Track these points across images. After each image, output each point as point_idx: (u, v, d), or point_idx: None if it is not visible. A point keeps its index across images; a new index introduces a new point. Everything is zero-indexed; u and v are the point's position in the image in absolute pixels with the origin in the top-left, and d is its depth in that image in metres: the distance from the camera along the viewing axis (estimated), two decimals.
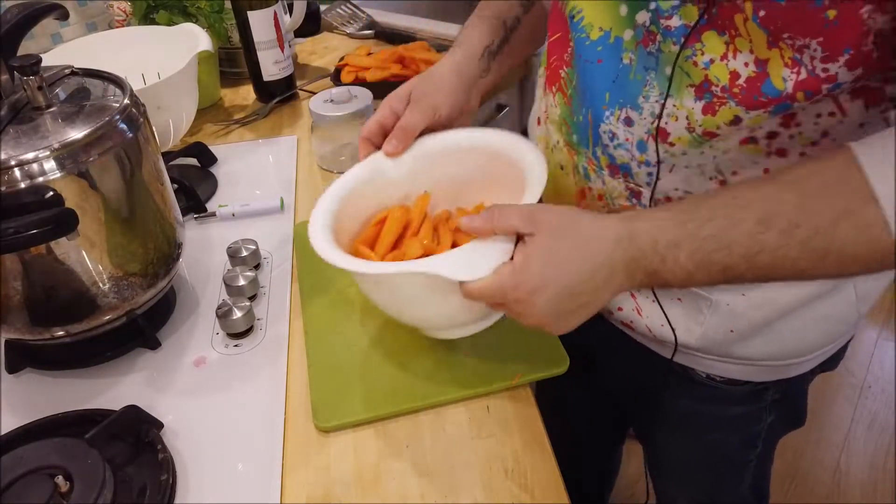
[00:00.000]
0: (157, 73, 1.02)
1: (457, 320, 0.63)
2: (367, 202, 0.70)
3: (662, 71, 0.55)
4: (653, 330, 0.68)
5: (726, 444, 0.78)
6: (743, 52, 0.50)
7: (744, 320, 0.63)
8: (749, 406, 0.74)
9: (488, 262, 0.53)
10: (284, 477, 0.58)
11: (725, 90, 0.52)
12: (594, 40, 0.60)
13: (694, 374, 0.71)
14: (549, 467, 0.57)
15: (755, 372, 0.69)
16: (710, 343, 0.66)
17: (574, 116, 0.65)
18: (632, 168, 0.60)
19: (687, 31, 0.52)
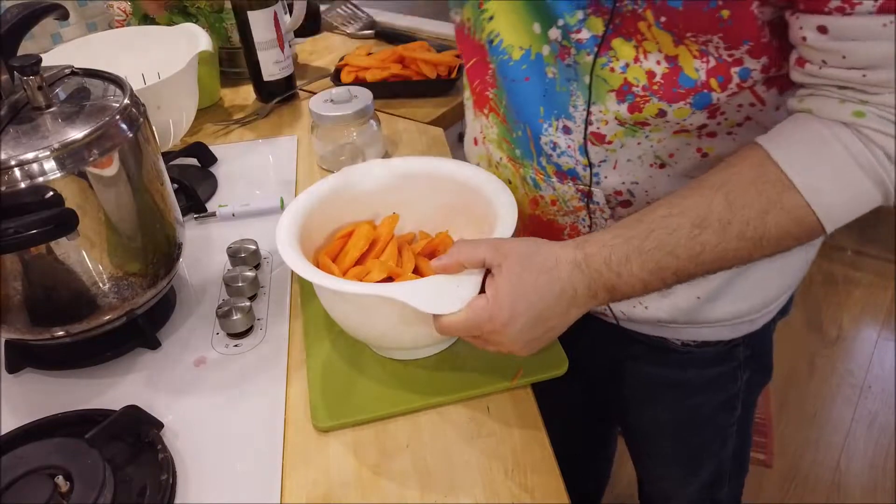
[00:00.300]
0: (157, 73, 1.02)
1: (417, 344, 0.65)
2: (336, 214, 0.71)
3: (582, 81, 0.59)
4: (626, 313, 0.72)
5: (707, 407, 0.81)
6: (652, 53, 0.55)
7: (707, 285, 0.67)
8: (724, 366, 0.77)
9: (459, 293, 0.55)
10: (284, 477, 0.58)
11: (646, 88, 0.56)
12: (517, 60, 0.63)
13: (668, 343, 0.75)
14: (549, 467, 0.57)
15: (724, 330, 0.73)
16: (680, 312, 0.69)
17: (512, 133, 0.67)
18: (578, 172, 0.64)
19: (598, 41, 0.56)
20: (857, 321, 1.99)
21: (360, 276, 0.66)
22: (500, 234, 0.60)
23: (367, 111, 0.95)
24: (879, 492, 1.57)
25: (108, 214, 0.63)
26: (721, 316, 0.70)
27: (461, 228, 0.72)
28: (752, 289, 0.69)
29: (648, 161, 0.61)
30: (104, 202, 0.62)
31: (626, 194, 0.64)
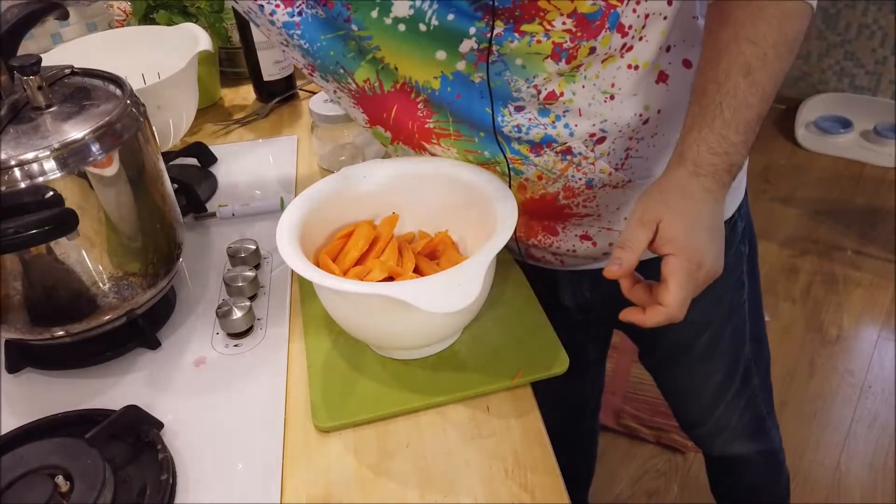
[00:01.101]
0: (157, 73, 1.02)
1: (417, 344, 0.65)
2: (336, 214, 0.71)
3: (514, 65, 0.62)
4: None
5: (726, 293, 0.85)
6: (556, 19, 0.59)
7: None
8: (732, 248, 0.81)
9: (461, 292, 0.54)
10: (284, 477, 0.58)
11: (573, 38, 0.60)
12: (439, 88, 0.65)
13: None
14: (549, 467, 0.57)
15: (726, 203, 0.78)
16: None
17: (473, 140, 0.69)
18: (550, 134, 0.67)
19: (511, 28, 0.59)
20: (857, 321, 1.99)
21: (360, 275, 0.66)
22: (500, 235, 0.60)
23: None
24: (879, 492, 1.57)
25: (108, 214, 0.63)
26: None
27: (461, 228, 0.72)
28: None
29: (600, 99, 0.65)
30: (104, 202, 0.62)
31: (598, 133, 0.67)
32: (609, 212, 0.74)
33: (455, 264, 0.58)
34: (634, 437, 1.67)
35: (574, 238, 0.78)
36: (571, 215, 0.75)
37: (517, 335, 0.68)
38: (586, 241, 0.78)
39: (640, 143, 0.70)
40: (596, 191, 0.71)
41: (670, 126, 0.69)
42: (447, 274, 0.57)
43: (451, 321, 0.63)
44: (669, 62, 0.67)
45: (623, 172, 0.71)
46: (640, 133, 0.69)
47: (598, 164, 0.69)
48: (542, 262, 0.84)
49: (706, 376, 0.94)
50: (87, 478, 0.54)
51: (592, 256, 0.80)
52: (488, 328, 0.69)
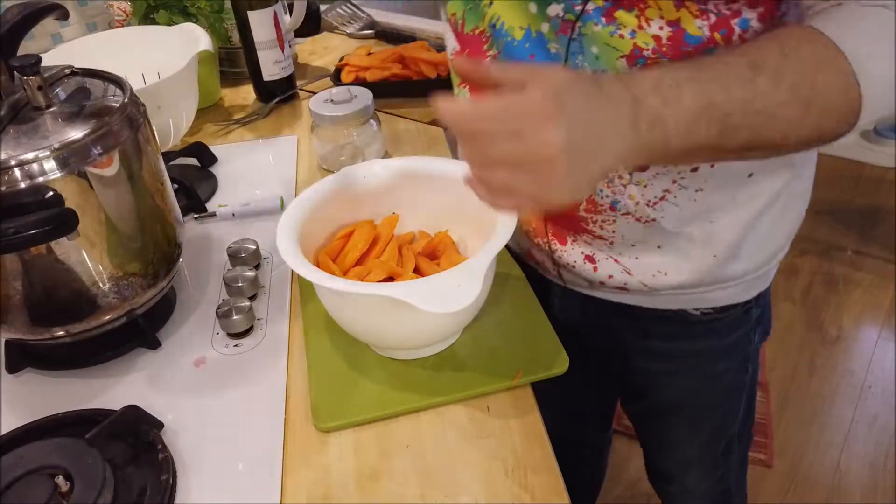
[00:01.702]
0: (157, 73, 1.02)
1: (417, 344, 0.65)
2: (336, 214, 0.71)
3: (589, 51, 0.59)
4: (647, 284, 0.72)
5: (726, 374, 0.83)
6: (654, 20, 0.55)
7: (721, 243, 0.69)
8: (741, 329, 0.79)
9: (461, 292, 0.54)
10: (284, 477, 0.58)
11: (656, 51, 0.57)
12: (520, 40, 0.63)
13: (689, 316, 0.76)
14: (549, 467, 0.57)
15: (740, 291, 0.75)
16: (700, 275, 0.71)
17: None
18: None
19: (602, 11, 0.56)
20: (857, 321, 1.99)
21: (360, 275, 0.66)
22: (501, 235, 0.60)
23: (367, 111, 0.95)
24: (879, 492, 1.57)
25: (108, 214, 0.63)
26: (738, 273, 0.72)
27: (461, 228, 0.72)
28: (763, 241, 0.71)
29: None
30: (104, 202, 0.62)
31: None
32: (622, 243, 0.70)
33: (455, 264, 0.58)
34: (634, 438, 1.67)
35: (579, 254, 0.74)
36: (585, 231, 0.71)
37: (517, 335, 0.68)
38: (589, 263, 0.74)
39: (681, 190, 0.65)
40: (618, 216, 0.68)
41: (718, 190, 0.65)
42: (447, 274, 0.57)
43: (451, 321, 0.63)
44: None
45: (652, 210, 0.66)
46: (685, 179, 0.64)
47: (629, 188, 0.65)
48: (539, 266, 0.82)
49: (686, 441, 0.93)
50: (87, 478, 0.54)
51: (588, 280, 0.76)
52: (488, 328, 0.69)
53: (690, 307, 0.75)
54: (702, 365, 0.82)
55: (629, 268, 0.72)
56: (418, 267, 0.68)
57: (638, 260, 0.71)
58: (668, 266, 0.70)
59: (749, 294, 0.76)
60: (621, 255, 0.72)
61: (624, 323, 0.80)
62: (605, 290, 0.77)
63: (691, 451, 0.94)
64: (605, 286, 0.75)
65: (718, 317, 0.76)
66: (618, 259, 0.72)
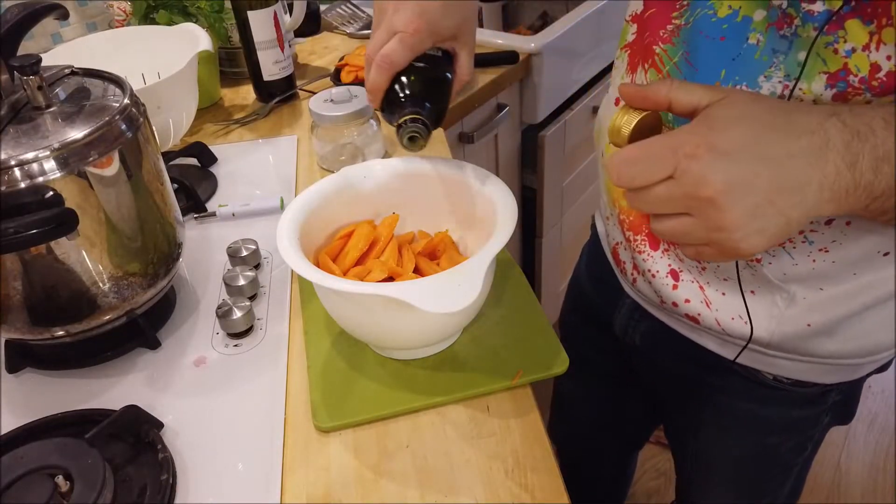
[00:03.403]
0: (157, 73, 1.02)
1: (417, 344, 0.65)
2: (336, 214, 0.70)
3: (794, 55, 0.52)
4: (722, 324, 0.65)
5: (781, 447, 0.77)
6: (888, 45, 0.46)
7: (821, 315, 0.61)
8: (811, 409, 0.72)
9: (462, 292, 0.54)
10: (284, 477, 0.58)
11: (864, 81, 0.48)
12: (721, 17, 0.56)
13: (760, 376, 0.70)
14: (549, 467, 0.57)
15: (824, 372, 0.68)
16: (784, 338, 0.64)
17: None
18: None
19: (830, 16, 0.48)
20: None
21: (360, 275, 0.66)
22: (501, 235, 0.60)
23: (367, 111, 0.95)
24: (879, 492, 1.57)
25: (108, 214, 0.63)
26: (825, 353, 0.65)
27: (461, 228, 0.72)
28: (865, 331, 0.63)
29: None
30: (104, 202, 0.62)
31: None
32: (712, 272, 0.64)
33: (455, 264, 0.58)
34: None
35: (665, 265, 0.68)
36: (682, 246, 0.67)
37: (517, 335, 0.68)
38: (671, 279, 0.67)
39: (804, 242, 0.57)
40: None
41: (843, 259, 0.57)
42: (447, 274, 0.57)
43: (451, 321, 0.63)
44: None
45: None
46: (815, 231, 0.56)
47: None
48: (617, 266, 0.76)
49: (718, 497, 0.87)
50: (87, 478, 0.54)
51: (662, 297, 0.69)
52: (488, 328, 0.69)
53: (765, 369, 0.69)
54: (755, 430, 0.76)
55: (711, 300, 0.65)
56: (418, 267, 0.68)
57: (724, 297, 0.64)
58: (753, 315, 0.63)
59: (831, 378, 0.69)
60: (708, 285, 0.65)
61: (680, 354, 0.74)
62: (675, 318, 0.72)
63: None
64: (678, 310, 0.69)
65: (791, 389, 0.70)
66: (703, 287, 0.66)
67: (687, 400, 0.81)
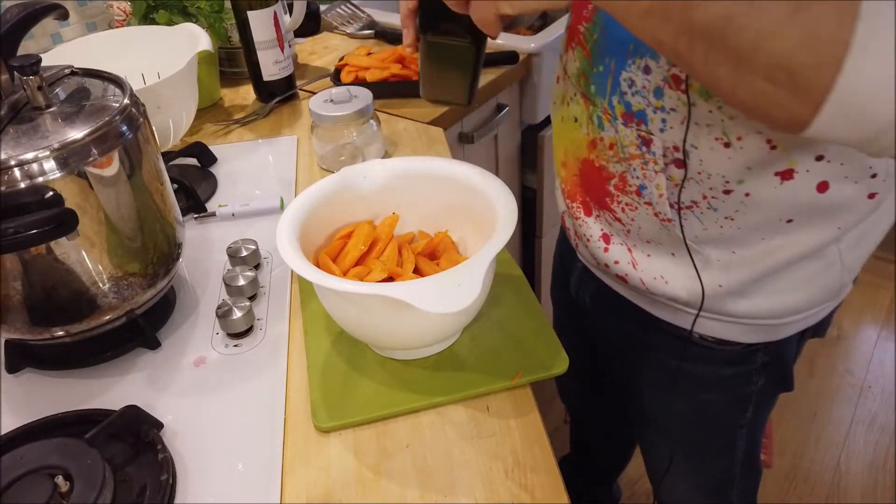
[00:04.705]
0: (157, 73, 1.02)
1: (417, 344, 0.65)
2: (336, 214, 0.71)
3: None
4: (646, 283, 0.72)
5: (718, 404, 0.81)
6: None
7: (734, 276, 0.66)
8: (739, 367, 0.77)
9: (461, 292, 0.54)
10: (284, 477, 0.58)
11: None
12: None
13: (685, 333, 0.74)
14: (549, 467, 0.57)
15: (744, 332, 0.72)
16: (699, 297, 0.69)
17: (593, 68, 0.66)
18: (647, 114, 0.62)
19: None
20: (857, 321, 1.99)
21: (360, 275, 0.66)
22: (501, 234, 0.60)
23: (367, 111, 0.95)
24: (879, 492, 1.57)
25: (108, 214, 0.63)
26: (741, 312, 0.69)
27: (461, 228, 0.72)
28: (778, 292, 0.68)
29: (715, 134, 0.58)
30: (104, 202, 0.62)
31: (681, 154, 0.61)
32: (637, 235, 0.70)
33: (455, 264, 0.58)
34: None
35: (597, 230, 0.74)
36: (609, 209, 0.71)
37: (517, 336, 0.68)
38: (603, 242, 0.74)
39: (710, 210, 0.63)
40: (640, 204, 0.67)
41: (749, 226, 0.63)
42: (447, 274, 0.57)
43: (451, 321, 0.63)
44: (808, 169, 0.58)
45: (673, 212, 0.65)
46: (717, 200, 0.62)
47: (658, 177, 0.63)
48: (567, 232, 0.83)
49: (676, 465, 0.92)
50: (87, 478, 0.54)
51: (597, 259, 0.76)
52: (488, 328, 0.69)
53: (688, 325, 0.74)
54: (693, 387, 0.81)
55: (637, 261, 0.72)
56: (418, 267, 0.68)
57: (649, 258, 0.71)
58: (672, 275, 0.70)
59: (752, 338, 0.73)
60: (635, 247, 0.72)
61: (627, 323, 0.80)
62: (610, 278, 0.78)
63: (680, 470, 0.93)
64: (609, 271, 0.76)
65: (716, 347, 0.75)
66: (631, 249, 0.72)
67: (628, 358, 0.86)
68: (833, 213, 0.61)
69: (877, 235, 0.69)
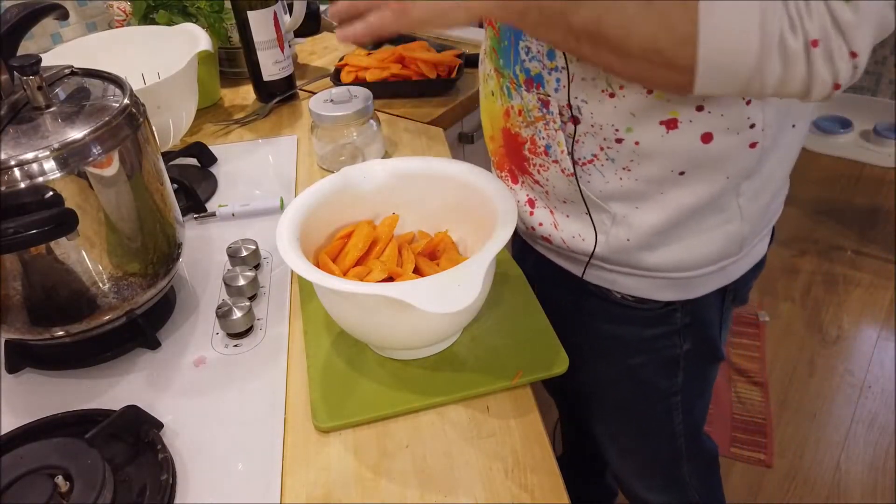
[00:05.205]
0: (157, 73, 1.02)
1: (417, 344, 0.66)
2: (336, 214, 0.71)
3: None
4: (567, 242, 0.75)
5: (646, 368, 0.83)
6: None
7: (638, 230, 0.70)
8: (661, 328, 0.79)
9: (461, 292, 0.54)
10: (284, 477, 0.58)
11: None
12: None
13: (610, 295, 0.78)
14: (549, 467, 0.57)
15: (658, 286, 0.75)
16: (613, 252, 0.73)
17: (500, 44, 0.71)
18: (543, 77, 0.66)
19: None
20: (857, 321, 1.99)
21: (360, 275, 0.66)
22: (501, 235, 0.60)
23: (367, 111, 0.95)
24: (879, 492, 1.57)
25: (108, 214, 0.63)
26: (650, 265, 0.72)
27: (461, 228, 0.72)
28: (682, 243, 0.71)
29: (601, 86, 0.63)
30: (104, 202, 0.62)
31: (574, 111, 0.66)
32: (554, 196, 0.73)
33: (455, 264, 0.58)
34: None
35: (524, 196, 0.78)
36: (528, 173, 0.75)
37: (517, 335, 0.68)
38: (529, 206, 0.78)
39: (608, 161, 0.67)
40: (550, 163, 0.71)
41: (646, 177, 0.66)
42: (447, 274, 0.57)
43: (451, 321, 0.63)
44: (690, 120, 0.62)
45: (579, 168, 0.69)
46: (612, 150, 0.66)
47: (558, 135, 0.67)
48: None
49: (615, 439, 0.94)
50: (87, 478, 0.54)
51: (525, 224, 0.80)
52: (488, 328, 0.69)
53: (608, 285, 0.77)
54: (618, 352, 0.83)
55: (558, 222, 0.75)
56: (418, 267, 0.68)
57: (568, 219, 0.74)
58: (587, 233, 0.73)
59: (668, 295, 0.76)
60: (556, 210, 0.75)
61: (561, 289, 0.81)
62: (538, 244, 0.81)
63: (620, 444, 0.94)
64: (535, 234, 0.79)
65: (637, 306, 0.77)
66: (553, 211, 0.75)
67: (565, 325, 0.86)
68: (720, 164, 0.65)
69: (773, 188, 0.72)
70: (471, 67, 1.23)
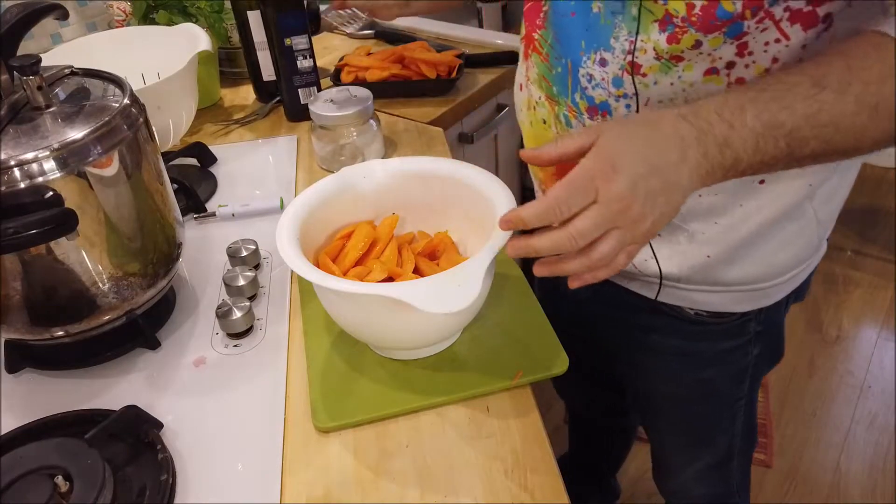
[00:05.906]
0: (157, 73, 1.02)
1: (417, 344, 0.66)
2: (336, 214, 0.71)
3: (629, 12, 0.60)
4: (637, 266, 0.74)
5: (717, 380, 0.83)
6: None
7: (718, 245, 0.69)
8: (736, 340, 0.79)
9: (461, 292, 0.54)
10: (284, 477, 0.58)
11: (685, 20, 0.57)
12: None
13: (682, 313, 0.77)
14: (549, 467, 0.57)
15: (736, 300, 0.74)
16: (691, 272, 0.71)
17: (552, 70, 0.70)
18: (610, 104, 0.65)
19: None
20: (857, 321, 1.99)
21: (360, 276, 0.66)
22: (501, 235, 0.60)
23: (367, 111, 0.95)
24: (879, 492, 1.57)
25: (108, 214, 0.63)
26: (731, 280, 0.71)
27: (461, 228, 0.72)
28: (763, 255, 0.70)
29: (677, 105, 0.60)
30: (104, 202, 0.62)
31: None
32: None
33: (455, 264, 0.58)
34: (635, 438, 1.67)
35: None
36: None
37: (517, 335, 0.68)
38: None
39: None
40: None
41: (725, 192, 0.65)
42: (447, 274, 0.57)
43: (451, 321, 0.63)
44: None
45: None
46: None
47: None
48: None
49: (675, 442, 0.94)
50: (87, 478, 0.54)
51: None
52: (488, 328, 0.69)
53: (685, 305, 0.76)
54: (690, 366, 0.82)
55: None
56: (418, 267, 0.68)
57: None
58: (660, 253, 0.72)
59: (745, 307, 0.75)
60: None
61: (616, 302, 0.81)
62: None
63: (684, 450, 0.94)
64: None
65: (711, 321, 0.76)
66: None
67: (625, 344, 0.87)
68: (801, 171, 0.63)
69: (844, 189, 0.72)
70: (471, 67, 1.23)
